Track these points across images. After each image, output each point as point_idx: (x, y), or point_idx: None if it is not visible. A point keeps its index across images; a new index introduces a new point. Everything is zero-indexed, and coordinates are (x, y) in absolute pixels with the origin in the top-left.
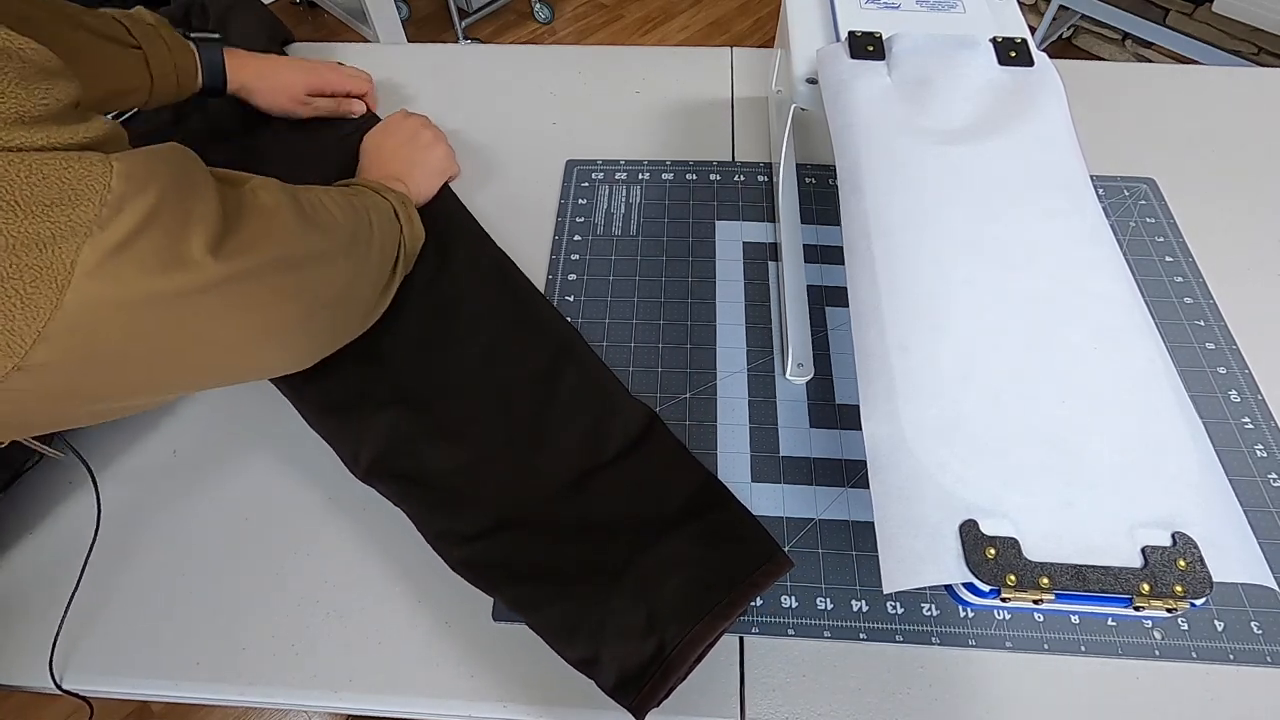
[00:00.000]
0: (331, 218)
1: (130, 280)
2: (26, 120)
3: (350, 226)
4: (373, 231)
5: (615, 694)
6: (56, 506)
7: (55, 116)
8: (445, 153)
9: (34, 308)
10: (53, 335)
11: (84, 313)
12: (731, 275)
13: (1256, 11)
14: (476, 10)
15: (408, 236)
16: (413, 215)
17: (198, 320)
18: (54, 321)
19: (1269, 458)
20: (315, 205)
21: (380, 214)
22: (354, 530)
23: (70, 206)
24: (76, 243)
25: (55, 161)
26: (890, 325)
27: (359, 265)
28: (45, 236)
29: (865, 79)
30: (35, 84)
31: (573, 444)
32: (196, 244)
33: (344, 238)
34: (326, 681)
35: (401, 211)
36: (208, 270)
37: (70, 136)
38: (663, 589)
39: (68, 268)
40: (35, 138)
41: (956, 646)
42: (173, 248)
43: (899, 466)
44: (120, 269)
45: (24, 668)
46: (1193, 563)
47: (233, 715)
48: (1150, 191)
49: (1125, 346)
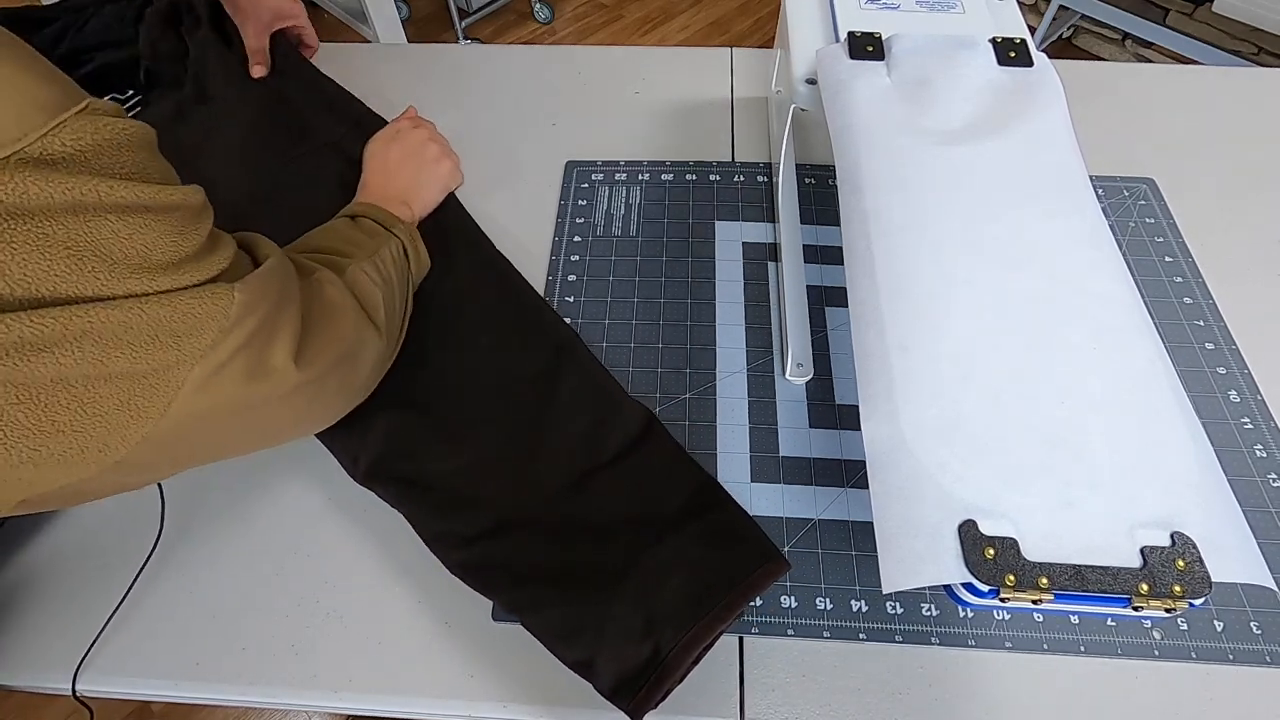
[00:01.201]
0: (377, 300)
1: (226, 391)
2: (180, 263)
3: (388, 301)
4: (394, 289)
5: (612, 696)
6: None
7: (200, 253)
8: (452, 167)
9: (143, 417)
10: (151, 438)
11: (182, 421)
12: (731, 275)
13: (1256, 11)
14: (476, 10)
15: (414, 271)
16: (419, 248)
17: (270, 416)
18: (157, 429)
19: (1268, 458)
20: (366, 292)
21: (395, 264)
22: (354, 531)
23: (197, 336)
24: (192, 365)
25: (195, 299)
26: (890, 325)
27: (390, 329)
28: (170, 361)
29: (865, 79)
30: (190, 229)
31: (571, 446)
32: (282, 353)
33: (384, 314)
34: (326, 681)
35: (410, 247)
36: (290, 378)
37: (209, 271)
38: (660, 591)
39: (180, 384)
40: (183, 279)
41: (956, 646)
42: (263, 358)
43: (898, 466)
44: (221, 383)
45: (34, 669)
46: (1192, 563)
47: (233, 715)
48: (1150, 191)
49: (1125, 346)
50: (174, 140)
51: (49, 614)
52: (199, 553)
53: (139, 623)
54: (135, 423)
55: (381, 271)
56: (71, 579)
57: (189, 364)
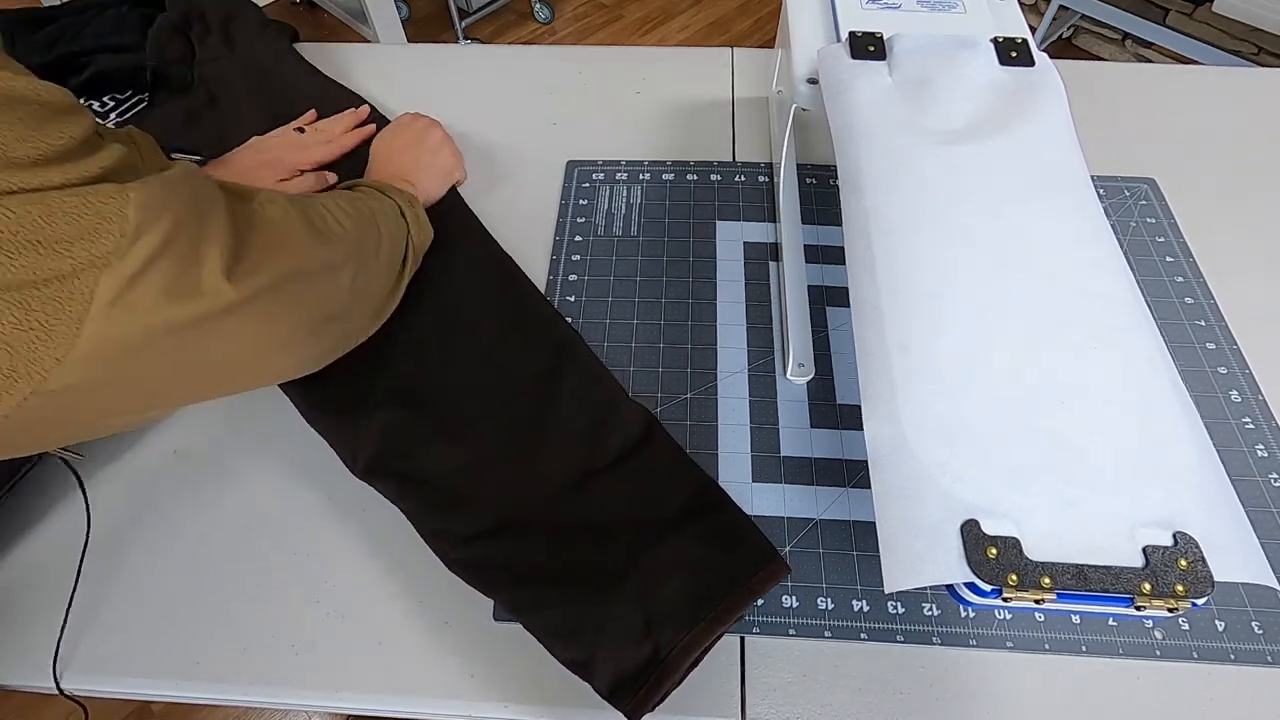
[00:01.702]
0: (339, 225)
1: (148, 309)
2: (44, 161)
3: (358, 232)
4: (380, 234)
5: (610, 697)
6: (57, 506)
7: (71, 153)
8: (453, 155)
9: (55, 337)
10: (72, 363)
11: (103, 341)
12: (732, 275)
13: (1256, 11)
14: (476, 10)
15: (415, 235)
16: (420, 214)
17: (214, 342)
18: (74, 350)
19: (1269, 458)
20: (323, 215)
21: (387, 215)
22: (354, 530)
23: (90, 240)
24: (95, 274)
25: (74, 198)
26: (891, 325)
27: (367, 270)
28: (67, 270)
29: (866, 79)
30: (50, 125)
31: (571, 446)
32: (210, 270)
33: (352, 244)
34: (326, 681)
35: (408, 211)
36: (224, 295)
37: (86, 171)
38: (660, 593)
39: (87, 298)
40: (53, 177)
41: (957, 646)
42: (188, 275)
43: (900, 466)
44: (138, 298)
45: (24, 669)
46: (1194, 562)
47: (233, 715)
48: (1150, 191)
49: (1126, 346)
50: (186, 144)
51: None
52: (199, 552)
53: (139, 623)
54: (45, 343)
55: (362, 211)
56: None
57: (91, 273)
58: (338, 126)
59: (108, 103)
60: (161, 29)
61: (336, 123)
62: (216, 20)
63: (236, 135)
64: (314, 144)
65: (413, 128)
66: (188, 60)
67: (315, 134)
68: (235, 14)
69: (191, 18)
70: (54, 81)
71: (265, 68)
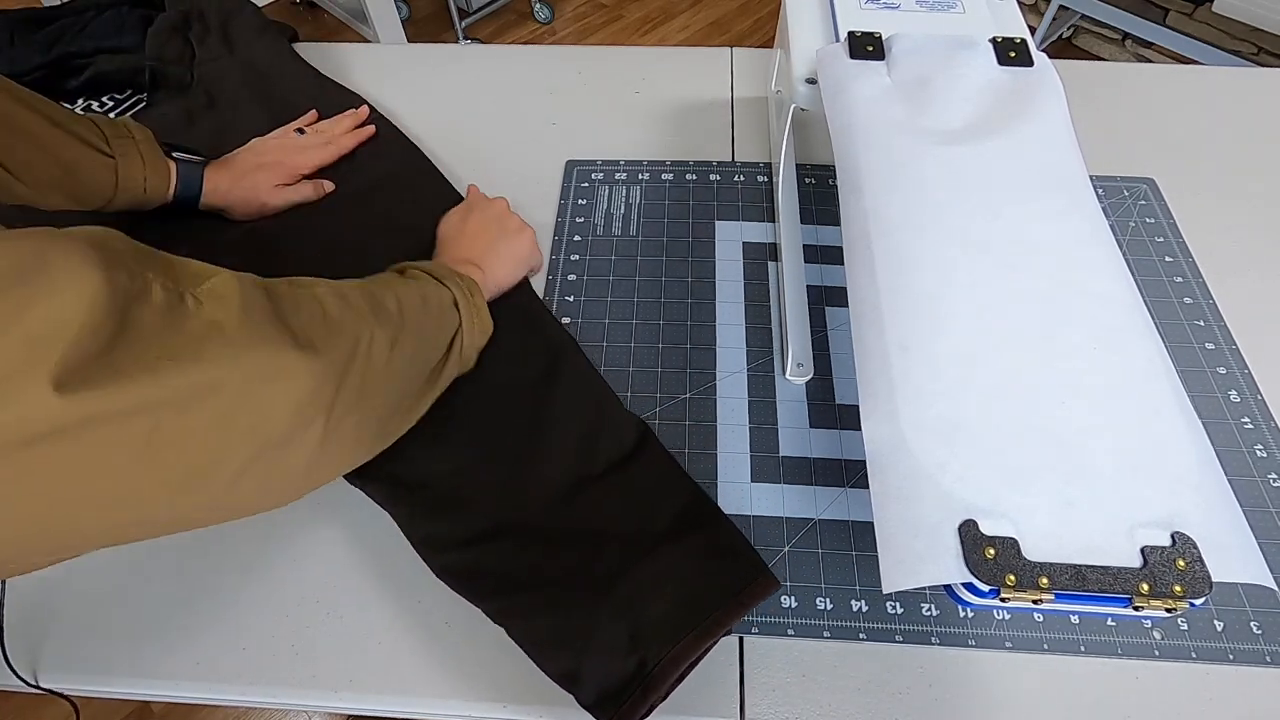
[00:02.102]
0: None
1: None
2: None
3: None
4: (362, 318)
5: (594, 710)
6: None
7: None
8: (531, 241)
9: None
10: None
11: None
12: (731, 275)
13: (1256, 11)
14: (476, 10)
15: (467, 330)
16: (480, 306)
17: (61, 472)
18: None
19: (1269, 458)
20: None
21: (431, 305)
22: (354, 530)
23: None
24: None
25: None
26: (890, 325)
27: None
28: None
29: (865, 79)
30: None
31: (563, 455)
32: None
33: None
34: (326, 681)
35: (463, 301)
36: (49, 411)
37: None
38: (647, 605)
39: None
40: None
41: (956, 646)
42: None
43: (898, 466)
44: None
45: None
46: (1192, 563)
47: (233, 715)
48: (1150, 191)
49: (1125, 346)
50: (184, 145)
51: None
52: (199, 552)
53: (139, 622)
54: None
55: (337, 292)
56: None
57: None
58: (337, 128)
59: (107, 103)
60: (160, 29)
61: (336, 124)
62: (216, 20)
63: (235, 136)
64: (313, 146)
65: (491, 208)
66: (187, 60)
67: (315, 135)
68: (234, 14)
69: (191, 18)
70: (53, 81)
71: (264, 68)
